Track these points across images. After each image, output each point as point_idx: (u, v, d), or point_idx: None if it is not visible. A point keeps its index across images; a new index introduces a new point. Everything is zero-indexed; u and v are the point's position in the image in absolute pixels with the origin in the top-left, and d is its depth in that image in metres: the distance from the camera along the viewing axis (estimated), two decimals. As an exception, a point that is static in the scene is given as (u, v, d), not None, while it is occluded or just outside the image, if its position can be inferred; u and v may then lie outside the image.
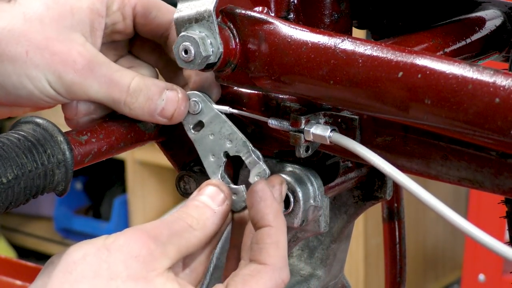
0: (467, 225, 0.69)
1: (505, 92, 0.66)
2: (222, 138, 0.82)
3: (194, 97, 0.82)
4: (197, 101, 0.82)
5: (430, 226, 2.99)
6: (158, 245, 0.72)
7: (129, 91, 0.81)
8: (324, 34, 0.75)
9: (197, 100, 0.82)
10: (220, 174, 0.83)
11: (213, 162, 0.83)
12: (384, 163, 0.73)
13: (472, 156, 0.74)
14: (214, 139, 0.82)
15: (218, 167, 0.83)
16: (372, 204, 0.92)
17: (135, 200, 3.19)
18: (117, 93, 0.81)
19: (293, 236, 0.86)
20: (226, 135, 0.82)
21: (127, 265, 0.70)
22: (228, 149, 0.82)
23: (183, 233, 0.74)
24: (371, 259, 2.70)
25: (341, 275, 0.99)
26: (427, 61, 0.70)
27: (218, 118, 0.82)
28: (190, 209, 0.77)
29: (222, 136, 0.82)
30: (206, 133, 0.82)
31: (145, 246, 0.71)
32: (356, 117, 0.79)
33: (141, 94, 0.81)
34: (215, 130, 0.82)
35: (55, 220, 3.42)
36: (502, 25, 0.89)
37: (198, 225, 0.75)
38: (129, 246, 0.71)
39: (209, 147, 0.83)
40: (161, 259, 0.72)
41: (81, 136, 0.80)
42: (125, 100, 0.81)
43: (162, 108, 0.81)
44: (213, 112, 0.82)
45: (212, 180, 0.81)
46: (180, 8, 0.79)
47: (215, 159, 0.83)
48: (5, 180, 0.70)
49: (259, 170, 0.80)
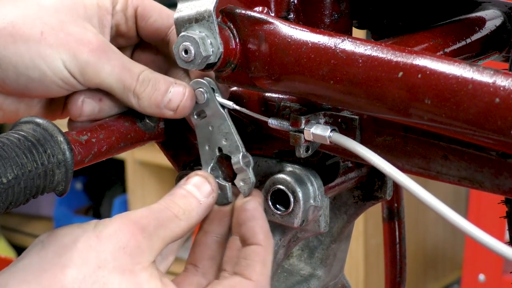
0: (467, 225, 0.69)
1: (505, 92, 0.66)
2: (220, 134, 0.82)
3: (201, 87, 0.82)
4: (203, 91, 0.82)
5: (430, 226, 2.99)
6: (145, 237, 0.74)
7: (139, 79, 0.82)
8: (324, 34, 0.75)
9: (203, 91, 0.82)
10: (211, 165, 0.83)
11: (207, 152, 0.84)
12: (384, 163, 0.73)
13: (472, 156, 0.74)
14: (212, 131, 0.83)
15: (211, 158, 0.84)
16: (372, 204, 0.92)
17: (135, 200, 3.19)
18: (128, 79, 0.82)
19: (293, 236, 0.86)
20: (224, 133, 0.82)
21: (114, 256, 0.72)
22: (222, 146, 0.83)
23: (169, 223, 0.76)
24: (371, 259, 2.70)
25: (341, 275, 0.99)
26: (427, 61, 0.70)
27: (220, 114, 0.82)
28: (177, 198, 0.78)
29: (220, 132, 0.82)
30: (207, 123, 0.83)
31: (133, 238, 0.73)
32: (356, 117, 0.79)
33: (149, 84, 0.82)
34: (215, 124, 0.82)
35: (55, 220, 3.42)
36: (502, 25, 0.89)
37: (183, 216, 0.77)
38: (117, 237, 0.73)
39: (207, 137, 0.83)
40: (147, 253, 0.73)
41: (81, 136, 0.80)
42: (135, 88, 0.82)
43: (169, 99, 0.82)
44: (216, 106, 0.82)
45: (201, 171, 0.82)
46: (180, 8, 0.79)
47: (210, 151, 0.83)
48: (5, 180, 0.70)
49: (245, 176, 0.82)
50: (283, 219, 0.82)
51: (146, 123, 0.86)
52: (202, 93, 0.82)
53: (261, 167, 0.86)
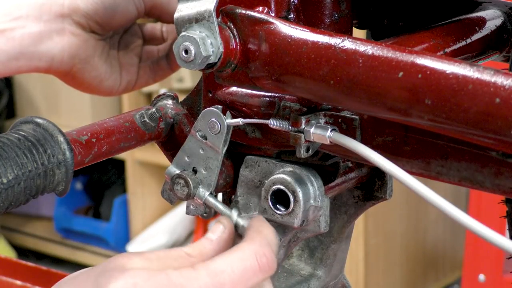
0: (468, 219, 0.69)
1: (505, 92, 0.66)
2: (204, 162, 0.83)
3: (214, 118, 0.82)
4: (215, 121, 0.82)
5: (430, 226, 2.99)
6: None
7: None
8: (324, 34, 0.75)
9: (215, 121, 0.82)
10: (180, 171, 0.84)
11: (184, 161, 0.84)
12: (384, 160, 0.73)
13: (473, 156, 0.74)
14: (200, 155, 0.83)
15: (182, 168, 0.84)
16: (372, 204, 0.92)
17: (135, 200, 3.19)
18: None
19: (293, 236, 0.87)
20: (208, 166, 0.83)
21: None
22: (199, 172, 0.83)
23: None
24: (371, 259, 2.70)
25: (341, 275, 0.99)
26: (428, 61, 0.70)
27: (217, 150, 0.82)
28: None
29: (206, 162, 0.82)
30: (201, 145, 0.83)
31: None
32: (356, 117, 0.79)
33: None
34: (207, 153, 0.83)
35: (55, 220, 3.42)
36: (502, 25, 0.89)
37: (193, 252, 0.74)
38: None
39: (193, 152, 0.83)
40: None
41: (81, 136, 0.80)
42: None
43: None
44: (220, 142, 0.82)
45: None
46: (180, 8, 0.79)
47: (186, 163, 0.84)
48: (5, 180, 0.70)
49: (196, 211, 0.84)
50: (283, 219, 0.82)
51: (146, 123, 0.87)
52: (215, 123, 0.82)
53: (261, 167, 0.86)
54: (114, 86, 1.02)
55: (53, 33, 0.96)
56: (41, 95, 3.29)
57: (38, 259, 3.42)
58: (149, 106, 0.89)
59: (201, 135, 0.83)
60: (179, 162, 0.84)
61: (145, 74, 1.05)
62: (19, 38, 0.94)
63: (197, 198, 0.83)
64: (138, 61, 1.05)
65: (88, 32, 0.99)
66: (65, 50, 0.97)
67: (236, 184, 0.87)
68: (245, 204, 0.86)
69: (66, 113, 3.24)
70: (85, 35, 0.98)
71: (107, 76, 1.01)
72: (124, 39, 1.05)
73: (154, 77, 1.06)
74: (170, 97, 0.91)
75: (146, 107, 0.89)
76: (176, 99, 0.91)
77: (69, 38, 0.97)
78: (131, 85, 1.04)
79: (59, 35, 0.97)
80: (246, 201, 0.86)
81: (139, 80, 1.04)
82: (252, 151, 0.86)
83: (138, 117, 0.87)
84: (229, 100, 0.85)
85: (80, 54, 0.98)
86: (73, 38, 0.98)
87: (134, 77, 1.04)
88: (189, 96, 0.91)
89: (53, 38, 0.96)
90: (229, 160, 0.88)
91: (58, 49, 0.97)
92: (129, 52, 1.05)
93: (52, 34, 0.96)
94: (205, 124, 0.82)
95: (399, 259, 2.86)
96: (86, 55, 0.99)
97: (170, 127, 0.88)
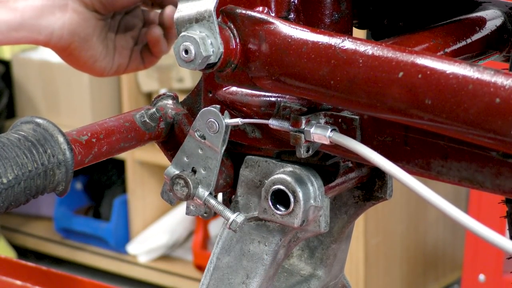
0: (468, 220, 0.69)
1: (505, 92, 0.66)
2: (204, 161, 0.82)
3: (212, 117, 0.82)
4: (213, 121, 0.82)
5: (430, 226, 2.99)
6: None
7: None
8: (324, 34, 0.75)
9: (213, 121, 0.82)
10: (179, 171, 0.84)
11: (183, 162, 0.84)
12: (384, 160, 0.73)
13: (473, 156, 0.74)
14: (199, 154, 0.83)
15: (182, 168, 0.84)
16: (372, 204, 0.92)
17: (135, 200, 3.19)
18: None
19: (293, 236, 0.87)
20: (207, 166, 0.82)
21: None
22: (198, 172, 0.83)
23: None
24: (371, 259, 2.70)
25: (341, 275, 0.99)
26: (428, 61, 0.70)
27: (216, 149, 0.82)
28: None
29: (205, 162, 0.82)
30: (200, 145, 0.83)
31: None
32: (356, 117, 0.79)
33: None
34: (206, 153, 0.82)
35: (55, 220, 3.42)
36: (502, 25, 0.89)
37: None
38: None
39: (192, 153, 0.83)
40: None
41: (81, 136, 0.80)
42: None
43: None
44: (218, 142, 0.82)
45: None
46: (180, 8, 0.79)
47: (185, 163, 0.84)
48: (5, 180, 0.70)
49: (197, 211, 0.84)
50: (283, 219, 0.82)
51: (146, 123, 0.87)
52: (213, 123, 0.82)
53: (261, 167, 0.86)
54: (106, 68, 1.04)
55: (56, 8, 0.98)
56: (41, 95, 3.28)
57: (38, 259, 3.42)
58: (149, 106, 0.89)
59: (199, 135, 0.83)
60: (178, 162, 0.84)
61: (136, 59, 1.07)
62: (21, 10, 0.96)
63: (196, 198, 0.83)
64: (133, 44, 1.07)
65: (91, 10, 1.00)
66: (65, 26, 0.98)
67: (236, 184, 0.87)
68: (245, 204, 0.86)
69: (66, 113, 3.23)
70: (87, 13, 1.00)
71: (102, 57, 1.03)
72: (124, 20, 1.06)
73: (144, 62, 1.07)
74: (170, 97, 0.91)
75: (146, 107, 0.89)
76: (176, 99, 0.91)
77: (70, 15, 0.98)
78: (122, 68, 1.06)
79: (61, 10, 0.98)
80: (246, 201, 0.86)
81: (130, 64, 1.06)
82: (252, 151, 0.86)
83: (138, 117, 0.87)
84: (229, 100, 0.85)
85: (80, 32, 0.99)
86: (75, 15, 0.99)
87: (126, 60, 1.06)
88: (189, 96, 0.91)
89: (55, 13, 0.98)
90: (229, 160, 0.88)
91: (58, 24, 0.98)
92: (126, 34, 1.06)
93: (55, 9, 0.98)
94: (204, 123, 0.82)
95: (399, 259, 2.86)
96: (85, 33, 1.00)
97: (170, 127, 0.88)
